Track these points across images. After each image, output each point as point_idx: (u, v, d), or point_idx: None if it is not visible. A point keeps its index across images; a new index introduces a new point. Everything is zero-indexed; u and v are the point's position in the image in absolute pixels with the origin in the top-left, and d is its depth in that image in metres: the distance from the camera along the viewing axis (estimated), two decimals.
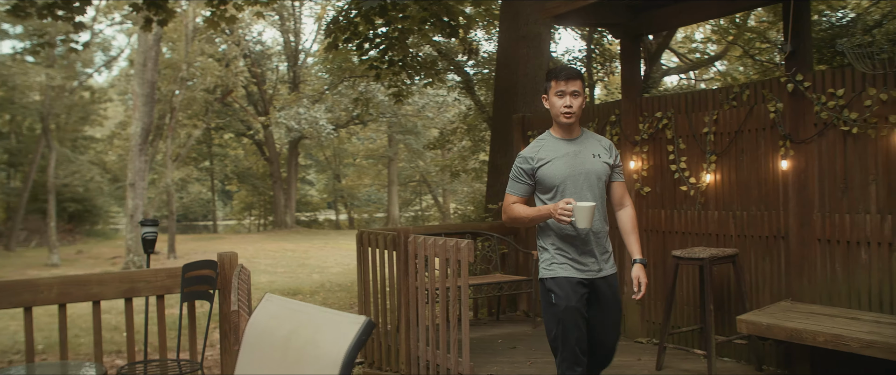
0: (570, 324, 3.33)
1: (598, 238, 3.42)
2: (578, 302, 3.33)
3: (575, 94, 3.38)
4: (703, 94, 5.56)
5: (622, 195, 3.60)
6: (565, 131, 3.48)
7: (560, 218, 3.18)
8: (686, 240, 5.64)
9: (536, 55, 8.25)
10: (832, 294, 4.72)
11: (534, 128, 7.14)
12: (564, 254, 3.39)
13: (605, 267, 3.44)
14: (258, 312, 2.03)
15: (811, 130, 4.77)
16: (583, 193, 3.36)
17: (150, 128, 19.75)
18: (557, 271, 3.39)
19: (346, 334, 1.69)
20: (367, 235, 6.27)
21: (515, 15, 8.25)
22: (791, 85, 4.83)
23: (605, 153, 3.49)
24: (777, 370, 4.98)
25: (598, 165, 3.42)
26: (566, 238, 3.39)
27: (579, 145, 3.46)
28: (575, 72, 3.43)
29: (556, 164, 3.40)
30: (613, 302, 3.48)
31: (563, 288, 3.35)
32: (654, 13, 5.80)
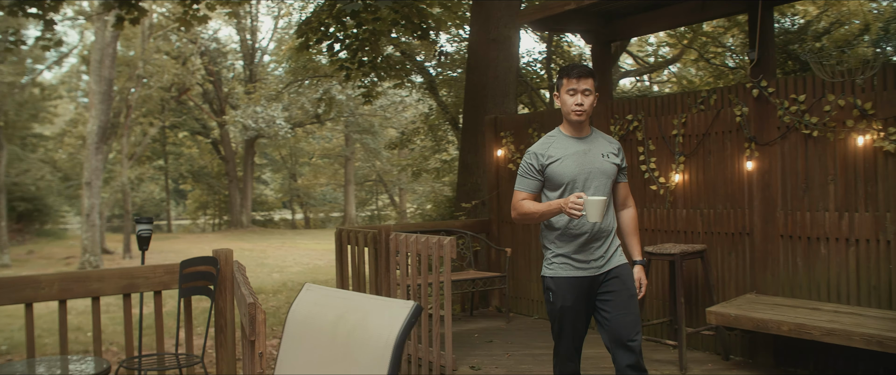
0: (565, 323, 3.43)
1: (603, 235, 3.41)
2: (575, 302, 3.39)
3: (586, 93, 3.37)
4: (672, 98, 5.85)
5: (625, 196, 3.62)
6: (575, 129, 3.48)
7: (571, 212, 3.16)
8: (656, 237, 5.92)
9: (506, 58, 8.48)
10: (794, 286, 5.03)
11: (506, 129, 7.37)
12: (565, 253, 3.40)
13: (609, 262, 3.44)
14: (299, 301, 2.19)
15: (774, 133, 5.08)
16: (592, 192, 3.37)
17: (107, 125, 19.49)
18: (557, 270, 3.42)
19: (397, 317, 1.86)
20: (346, 233, 6.42)
21: (486, 18, 8.46)
22: (756, 90, 5.13)
23: (613, 154, 3.50)
24: (742, 359, 5.28)
25: (606, 165, 3.43)
26: (568, 236, 3.39)
27: (589, 144, 3.46)
28: (587, 70, 3.41)
29: (565, 162, 3.39)
30: (623, 291, 3.42)
31: (560, 287, 3.40)
32: (625, 20, 6.07)
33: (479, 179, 8.42)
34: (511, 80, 8.57)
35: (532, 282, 7.13)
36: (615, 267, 3.44)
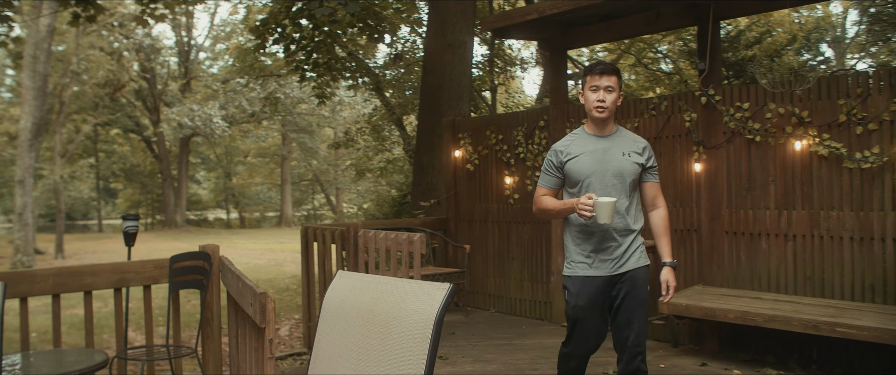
0: (578, 324, 3.45)
1: (622, 237, 3.39)
2: (589, 303, 3.39)
3: (609, 90, 3.36)
4: (626, 104, 6.24)
5: (655, 196, 3.55)
6: (598, 127, 3.46)
7: (581, 212, 3.19)
8: None
9: (461, 62, 8.80)
10: (738, 278, 5.49)
11: (464, 131, 7.67)
12: (582, 252, 3.41)
13: (626, 264, 3.40)
14: (334, 287, 2.43)
15: (721, 138, 5.53)
16: (607, 190, 3.34)
17: (41, 122, 19.03)
18: (575, 269, 3.43)
19: (435, 298, 2.13)
20: (313, 230, 6.62)
21: (442, 24, 8.76)
22: (704, 98, 5.57)
23: (636, 152, 3.44)
24: (690, 345, 5.71)
25: (626, 164, 3.38)
26: (586, 234, 3.39)
27: (610, 142, 3.44)
28: (610, 67, 3.41)
29: (583, 159, 3.39)
30: (634, 295, 3.42)
31: (575, 286, 3.42)
32: (582, 30, 6.45)
33: (433, 179, 8.71)
34: (465, 84, 8.89)
35: (489, 277, 7.45)
36: (632, 269, 3.41)
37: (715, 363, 5.23)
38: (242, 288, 3.57)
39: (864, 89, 4.82)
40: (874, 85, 4.79)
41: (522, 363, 5.38)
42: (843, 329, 4.32)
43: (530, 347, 5.89)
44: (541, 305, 6.97)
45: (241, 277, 3.68)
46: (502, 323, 6.83)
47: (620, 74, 3.44)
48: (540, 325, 6.73)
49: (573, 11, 5.78)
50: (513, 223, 7.20)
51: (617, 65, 17.81)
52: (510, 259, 7.21)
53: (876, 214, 4.82)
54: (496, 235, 7.38)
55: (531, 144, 6.93)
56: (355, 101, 27.36)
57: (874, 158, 4.77)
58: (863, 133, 4.84)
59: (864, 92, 4.82)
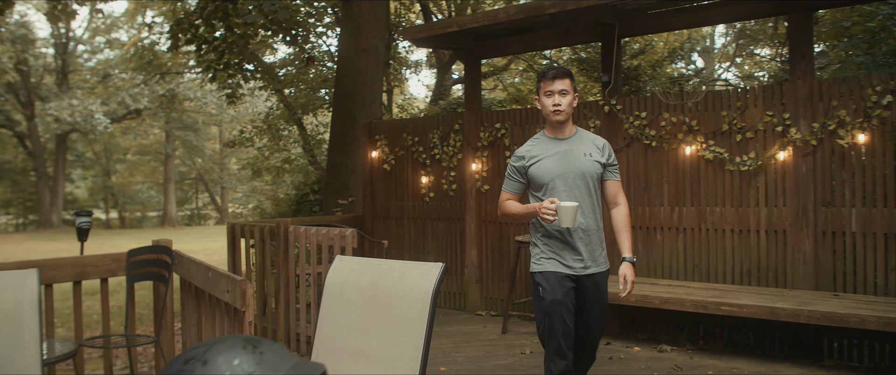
0: (556, 317, 3.42)
1: (587, 236, 3.49)
2: (565, 296, 3.42)
3: (563, 93, 3.46)
4: (536, 111, 6.86)
5: (616, 193, 3.64)
6: (557, 130, 3.55)
7: (543, 216, 3.29)
8: (519, 229, 6.91)
9: (374, 66, 9.21)
10: (637, 267, 6.19)
11: (381, 132, 8.10)
12: (552, 250, 3.49)
13: (592, 266, 3.51)
14: (334, 269, 2.84)
15: (622, 143, 6.23)
16: (571, 192, 3.44)
17: None
18: (545, 265, 3.49)
19: (431, 275, 2.59)
20: (240, 227, 6.88)
21: (356, 29, 9.14)
22: (607, 107, 6.25)
23: (596, 152, 3.53)
24: None
25: (588, 164, 3.47)
26: (553, 235, 3.49)
27: (571, 144, 3.52)
28: (562, 71, 3.50)
29: (546, 163, 3.48)
30: (597, 300, 3.56)
31: (549, 281, 3.45)
32: (496, 41, 7.02)
33: (347, 178, 9.08)
34: (378, 87, 9.32)
35: None
36: (598, 272, 3.55)
37: (617, 342, 5.92)
38: (215, 277, 3.89)
39: (743, 103, 5.62)
40: (751, 99, 5.59)
41: (447, 346, 5.89)
42: (727, 308, 5.06)
43: (450, 333, 6.39)
44: (455, 296, 7.50)
45: (212, 267, 4.00)
46: None
47: (573, 76, 3.54)
48: (456, 314, 7.26)
49: (489, 26, 6.35)
50: (428, 219, 7.70)
51: (507, 69, 18.63)
52: (426, 253, 7.70)
53: (751, 210, 5.62)
54: (412, 231, 7.85)
55: (446, 146, 7.44)
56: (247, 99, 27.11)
57: (751, 162, 5.57)
58: (741, 140, 5.64)
59: (743, 105, 5.61)
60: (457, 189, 7.39)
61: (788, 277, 5.43)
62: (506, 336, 6.24)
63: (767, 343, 5.52)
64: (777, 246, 5.50)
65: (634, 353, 5.57)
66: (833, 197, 5.28)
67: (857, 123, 5.10)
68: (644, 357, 5.44)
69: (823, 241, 5.29)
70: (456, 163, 7.38)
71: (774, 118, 5.43)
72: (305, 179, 15.58)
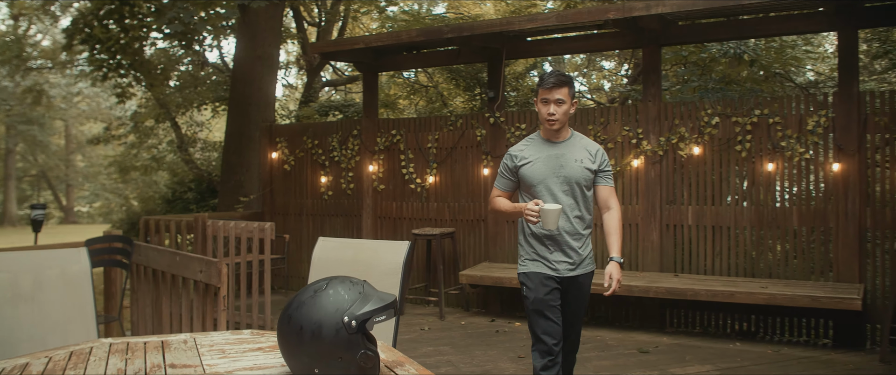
0: (540, 315, 3.53)
1: (573, 240, 3.53)
2: (547, 295, 3.51)
3: (559, 102, 3.47)
4: (429, 120, 7.80)
5: (607, 197, 3.64)
6: (551, 134, 3.58)
7: (527, 218, 3.36)
8: (412, 224, 7.82)
9: (269, 72, 9.84)
10: (514, 256, 7.26)
11: (281, 135, 8.76)
12: (536, 252, 3.56)
13: (576, 270, 3.56)
14: (319, 248, 3.60)
15: (504, 150, 7.27)
16: (557, 195, 3.49)
17: None
18: (529, 266, 3.58)
19: (401, 250, 3.42)
20: (154, 221, 7.38)
21: (252, 36, 9.73)
22: (492, 119, 7.28)
23: (588, 158, 3.55)
24: (479, 309, 7.39)
25: (578, 170, 3.51)
26: (538, 237, 3.55)
27: (564, 149, 3.55)
28: (561, 80, 3.51)
29: (536, 165, 3.53)
30: (579, 298, 3.63)
31: (533, 281, 3.55)
32: (393, 57, 7.90)
33: (243, 177, 9.66)
34: (272, 92, 9.94)
35: (303, 263, 8.62)
36: (581, 274, 3.60)
37: (500, 319, 6.95)
38: (184, 260, 4.54)
39: (606, 119, 6.81)
40: (613, 116, 6.80)
41: None
42: (594, 287, 6.18)
43: None
44: None
45: (179, 252, 4.64)
46: None
47: (572, 85, 3.55)
48: None
49: (391, 44, 7.23)
50: (327, 216, 8.45)
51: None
52: None
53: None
54: (311, 226, 8.58)
55: (345, 149, 8.23)
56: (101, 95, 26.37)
57: (612, 168, 6.77)
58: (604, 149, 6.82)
59: (606, 120, 6.81)
60: (354, 188, 8.19)
61: (640, 261, 6.66)
62: (403, 317, 7.12)
63: (623, 316, 6.75)
64: (632, 237, 6.72)
65: (516, 328, 6.61)
66: (674, 196, 6.56)
67: (693, 138, 6.39)
68: (525, 331, 6.49)
69: (667, 232, 6.56)
70: (354, 165, 8.18)
71: (631, 132, 6.65)
72: (181, 178, 15.72)
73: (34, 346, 3.00)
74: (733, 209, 6.33)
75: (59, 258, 3.26)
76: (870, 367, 5.14)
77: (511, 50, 7.19)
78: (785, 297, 5.52)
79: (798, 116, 6.06)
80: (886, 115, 5.74)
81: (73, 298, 3.19)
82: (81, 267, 3.24)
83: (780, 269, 6.20)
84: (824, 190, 6.06)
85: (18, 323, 3.05)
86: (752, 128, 6.20)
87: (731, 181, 6.37)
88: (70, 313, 3.17)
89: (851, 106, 5.81)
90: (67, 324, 3.14)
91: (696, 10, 5.95)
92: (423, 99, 17.01)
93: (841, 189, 5.88)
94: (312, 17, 17.86)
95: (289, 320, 2.14)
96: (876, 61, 11.06)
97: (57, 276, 3.17)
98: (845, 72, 5.89)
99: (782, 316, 6.15)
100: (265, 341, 2.72)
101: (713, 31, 6.61)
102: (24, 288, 3.08)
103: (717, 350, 5.69)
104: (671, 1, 5.92)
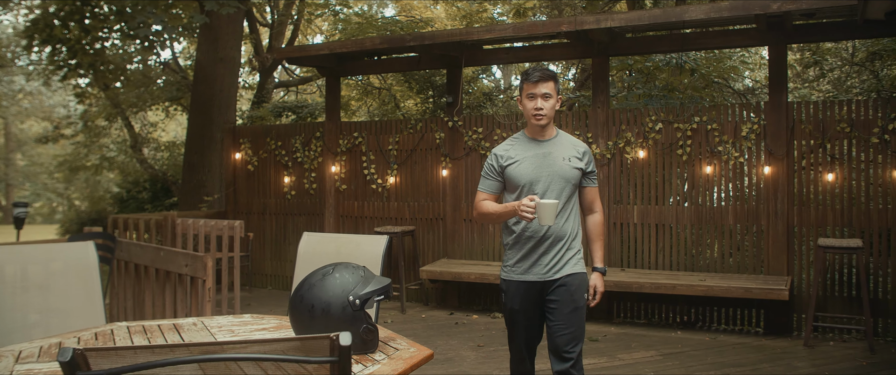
0: (515, 325, 3.47)
1: (557, 241, 3.36)
2: (524, 304, 3.41)
3: (546, 97, 3.33)
4: (389, 123, 8.16)
5: (592, 200, 3.53)
6: (537, 132, 3.43)
7: (523, 214, 3.13)
8: (374, 222, 8.16)
9: (230, 74, 10.06)
10: (472, 253, 7.67)
11: (244, 136, 9.01)
12: (517, 256, 3.42)
13: (561, 270, 3.37)
14: (304, 242, 3.94)
15: (462, 152, 7.68)
16: (548, 195, 3.33)
17: None
18: (510, 274, 3.45)
19: (381, 243, 3.78)
20: (123, 220, 7.57)
21: (214, 40, 9.94)
22: (450, 122, 7.68)
23: (576, 158, 3.40)
24: (437, 303, 7.78)
25: (566, 169, 3.35)
26: (521, 240, 3.39)
27: (550, 147, 3.41)
28: (546, 73, 3.36)
29: (523, 165, 3.37)
30: (568, 302, 3.36)
31: (510, 289, 3.45)
32: (355, 63, 8.24)
33: (204, 177, 9.86)
34: (234, 94, 10.16)
35: (266, 261, 8.90)
36: (567, 275, 3.38)
37: (459, 312, 7.35)
38: (169, 255, 4.82)
39: (558, 123, 7.26)
40: (565, 121, 7.26)
41: None
42: None
43: None
44: None
45: (163, 247, 4.92)
46: (282, 298, 8.33)
47: (557, 79, 3.41)
48: None
49: (353, 50, 7.57)
50: (289, 215, 8.74)
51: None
52: (287, 244, 8.73)
53: None
54: (274, 225, 8.85)
55: (308, 151, 8.53)
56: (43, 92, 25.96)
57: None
58: None
59: (557, 125, 7.24)
60: (317, 188, 8.50)
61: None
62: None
63: None
64: None
65: (474, 320, 7.01)
66: (621, 197, 7.05)
67: (638, 143, 6.89)
68: (482, 323, 6.89)
69: (614, 230, 7.04)
70: (317, 166, 8.49)
71: (581, 136, 7.11)
72: (136, 178, 15.72)
73: (49, 331, 3.29)
74: (675, 208, 6.84)
75: (70, 251, 3.54)
76: (795, 351, 5.69)
77: (469, 57, 7.59)
78: (721, 289, 6.05)
79: (734, 123, 6.60)
80: (811, 123, 6.31)
81: (84, 288, 3.47)
82: (90, 259, 3.52)
83: (717, 264, 6.74)
84: (757, 192, 6.62)
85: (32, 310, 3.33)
86: (692, 134, 6.72)
87: (673, 182, 6.88)
88: (80, 302, 3.45)
89: (781, 114, 6.37)
90: (78, 312, 3.42)
91: (641, 25, 6.45)
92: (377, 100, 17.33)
93: (771, 190, 6.43)
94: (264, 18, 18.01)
95: (301, 299, 2.50)
96: (808, 70, 11.82)
97: (68, 268, 3.45)
98: (776, 84, 6.45)
99: (719, 307, 6.68)
100: (267, 323, 3.06)
101: (657, 43, 7.12)
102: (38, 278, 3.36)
103: (660, 338, 6.19)
104: (619, 15, 6.41)
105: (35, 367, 2.31)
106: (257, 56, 17.33)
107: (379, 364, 2.35)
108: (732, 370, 5.19)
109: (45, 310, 3.34)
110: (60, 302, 3.38)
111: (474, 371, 5.27)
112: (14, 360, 2.40)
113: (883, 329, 6.11)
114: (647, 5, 11.27)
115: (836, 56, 11.14)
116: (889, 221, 6.10)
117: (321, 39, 21.59)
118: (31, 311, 3.31)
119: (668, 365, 5.33)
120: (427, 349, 2.57)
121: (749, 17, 6.14)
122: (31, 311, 3.31)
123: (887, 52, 9.13)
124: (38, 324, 3.31)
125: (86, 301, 3.47)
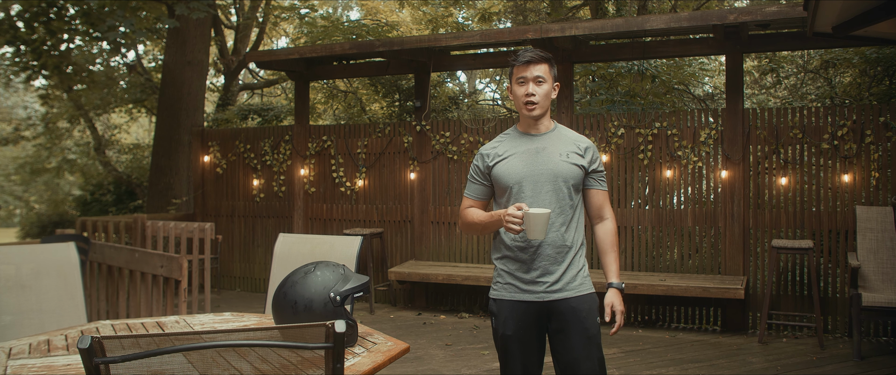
0: (508, 354, 2.91)
1: (557, 253, 2.85)
2: (519, 331, 2.87)
3: (539, 81, 2.85)
4: (358, 127, 8.28)
5: (601, 205, 2.99)
6: (530, 125, 2.95)
7: (508, 226, 2.66)
8: (343, 225, 8.27)
9: (199, 77, 10.09)
10: (439, 254, 7.83)
11: (213, 139, 9.06)
12: (510, 272, 2.91)
13: (564, 290, 2.84)
14: (280, 244, 4.06)
15: (429, 156, 7.83)
16: (542, 198, 2.84)
17: None
18: (501, 292, 2.93)
19: (354, 243, 3.92)
20: (92, 222, 7.59)
21: (183, 43, 9.97)
22: (418, 127, 7.82)
23: (577, 154, 2.90)
24: (405, 305, 7.91)
25: (564, 166, 2.86)
26: (515, 252, 2.88)
27: (546, 141, 2.92)
28: (538, 55, 2.87)
29: (512, 162, 2.89)
30: (580, 330, 2.83)
31: (502, 311, 2.90)
32: (325, 67, 8.35)
33: (172, 179, 9.88)
34: (201, 97, 10.19)
35: (235, 263, 8.95)
36: (574, 297, 2.86)
37: (426, 313, 7.49)
38: (144, 257, 4.89)
39: None
40: None
41: None
42: None
43: None
44: None
45: (137, 249, 4.99)
46: (251, 299, 8.40)
47: (552, 61, 2.93)
48: None
49: (323, 55, 7.69)
50: (258, 217, 8.81)
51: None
52: (256, 246, 8.80)
53: None
54: (242, 227, 8.91)
55: (277, 154, 8.61)
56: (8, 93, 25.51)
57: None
58: None
59: None
60: (286, 190, 8.59)
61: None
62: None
63: None
64: None
65: (441, 320, 7.16)
66: None
67: (602, 148, 7.11)
68: (450, 323, 7.05)
69: None
70: (286, 169, 8.57)
71: None
72: (100, 181, 15.59)
73: (33, 329, 3.36)
74: (637, 211, 7.07)
75: (52, 251, 3.61)
76: (750, 347, 5.94)
77: (437, 63, 7.75)
78: (680, 289, 6.28)
79: (693, 129, 6.85)
80: (766, 129, 6.58)
81: (65, 287, 3.55)
82: (71, 259, 3.60)
83: (677, 264, 6.98)
84: (715, 195, 6.88)
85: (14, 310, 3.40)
86: (653, 139, 6.96)
87: (635, 186, 7.11)
88: (63, 301, 3.53)
89: (737, 121, 6.63)
90: (61, 311, 3.50)
91: (604, 33, 6.67)
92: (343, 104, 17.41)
93: (728, 193, 6.69)
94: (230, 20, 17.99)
95: (285, 296, 2.63)
96: (765, 76, 12.21)
97: (51, 268, 3.53)
98: (732, 92, 6.71)
99: (678, 306, 6.92)
100: (247, 320, 3.18)
101: (620, 51, 7.35)
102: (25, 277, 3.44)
103: (622, 336, 6.40)
104: (583, 24, 6.62)
105: (28, 362, 2.41)
106: (223, 58, 17.31)
107: (359, 357, 2.49)
108: (691, 366, 5.42)
109: (28, 310, 3.42)
110: (43, 302, 3.46)
111: (443, 369, 5.41)
112: (6, 356, 2.50)
113: (832, 326, 6.40)
114: (610, 12, 11.55)
115: (792, 63, 11.55)
116: (838, 223, 6.40)
117: (286, 42, 21.65)
118: (13, 311, 3.39)
119: (629, 362, 5.54)
120: (403, 342, 2.72)
121: (707, 26, 6.39)
122: (13, 311, 3.39)
123: (839, 61, 9.52)
124: (20, 323, 3.38)
125: (68, 300, 3.55)
